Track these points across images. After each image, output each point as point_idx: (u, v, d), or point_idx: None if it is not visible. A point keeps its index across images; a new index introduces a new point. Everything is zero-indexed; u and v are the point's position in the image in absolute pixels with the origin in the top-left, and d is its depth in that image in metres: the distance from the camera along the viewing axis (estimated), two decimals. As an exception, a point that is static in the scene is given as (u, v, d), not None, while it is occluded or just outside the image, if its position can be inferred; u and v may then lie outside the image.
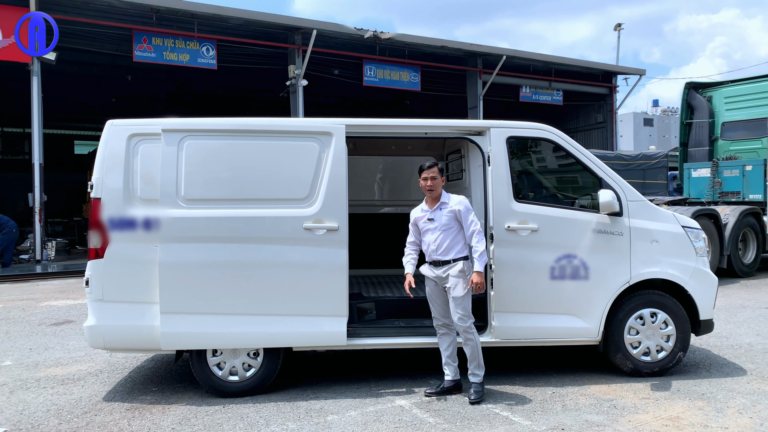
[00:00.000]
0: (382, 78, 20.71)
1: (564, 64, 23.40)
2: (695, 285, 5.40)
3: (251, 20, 17.83)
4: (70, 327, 8.04)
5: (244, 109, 25.88)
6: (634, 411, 4.56)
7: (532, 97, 23.52)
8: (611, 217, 5.29)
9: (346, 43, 19.73)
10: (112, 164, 5.06)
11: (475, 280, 4.73)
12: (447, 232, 4.85)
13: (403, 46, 20.38)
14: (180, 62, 17.70)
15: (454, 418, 4.48)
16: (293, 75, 18.96)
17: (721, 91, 14.95)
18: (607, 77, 25.13)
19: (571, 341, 5.36)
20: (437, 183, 4.89)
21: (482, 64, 21.97)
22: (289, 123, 5.25)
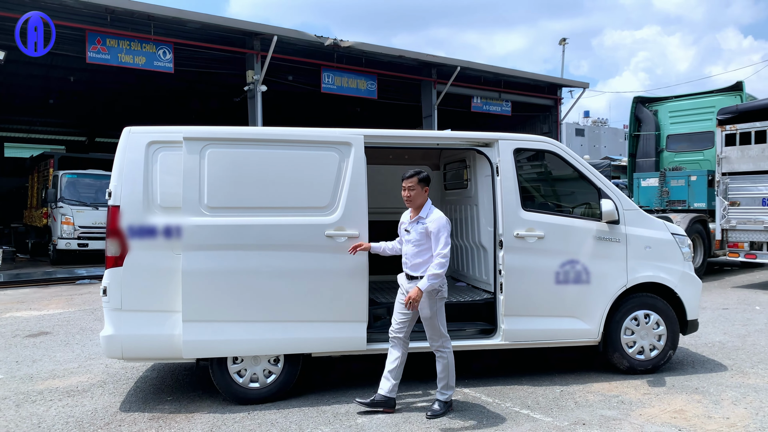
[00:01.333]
0: (340, 86, 20.79)
1: (513, 76, 24.17)
2: (683, 288, 5.85)
3: (210, 24, 17.55)
4: (50, 339, 7.78)
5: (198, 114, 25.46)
6: (641, 405, 4.91)
7: (483, 107, 24.17)
8: (609, 225, 5.66)
9: (304, 49, 19.70)
10: (131, 172, 5.01)
11: (411, 294, 4.59)
12: (418, 248, 4.74)
13: (360, 54, 20.56)
14: (136, 65, 17.21)
15: (479, 418, 4.70)
16: (252, 80, 18.80)
17: (666, 106, 15.94)
18: (552, 89, 26.14)
19: (573, 342, 5.69)
20: (416, 194, 4.77)
21: (437, 74, 22.43)
22: (310, 133, 5.35)
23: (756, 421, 4.55)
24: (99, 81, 22.36)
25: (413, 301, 4.59)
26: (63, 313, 9.63)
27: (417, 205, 4.81)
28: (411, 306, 4.61)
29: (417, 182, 4.78)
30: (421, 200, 4.80)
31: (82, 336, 7.89)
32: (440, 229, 4.66)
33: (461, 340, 5.53)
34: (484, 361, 6.30)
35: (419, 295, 4.59)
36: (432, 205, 4.85)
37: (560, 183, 6.11)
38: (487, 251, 6.04)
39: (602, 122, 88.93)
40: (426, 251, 4.72)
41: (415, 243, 4.75)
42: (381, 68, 21.33)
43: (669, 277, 5.80)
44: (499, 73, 23.65)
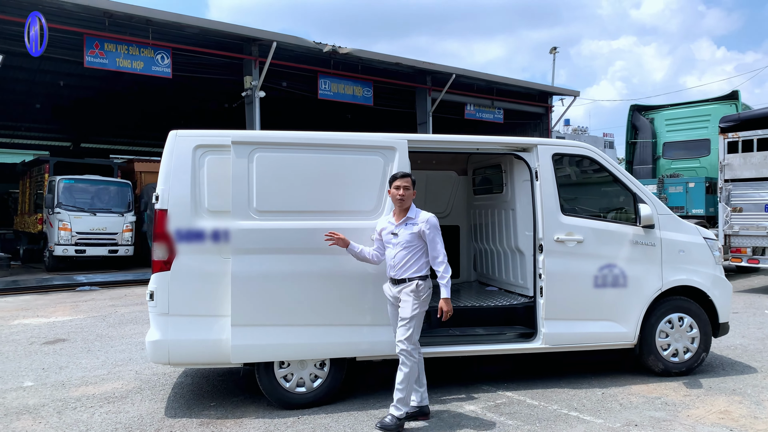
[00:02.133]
0: (336, 92, 20.84)
1: (505, 84, 24.41)
2: (715, 291, 5.96)
3: (208, 29, 17.49)
4: (69, 346, 7.66)
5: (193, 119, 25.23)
6: (686, 407, 5.00)
7: (476, 114, 24.38)
8: (645, 229, 5.76)
9: (301, 56, 19.71)
10: (179, 175, 4.98)
11: (444, 308, 4.56)
12: (408, 250, 4.64)
13: (357, 61, 20.63)
14: (134, 69, 17.06)
15: (531, 420, 4.74)
16: (250, 86, 18.74)
17: (662, 114, 16.25)
18: (543, 97, 26.47)
19: (611, 345, 5.76)
20: (409, 194, 4.70)
21: (431, 81, 22.58)
22: (355, 137, 5.37)
23: (801, 420, 4.67)
24: (88, 86, 22.16)
25: (448, 311, 4.57)
26: (73, 320, 9.49)
27: (407, 206, 4.72)
28: (446, 317, 4.59)
29: (411, 182, 4.74)
30: (411, 202, 4.76)
31: (101, 343, 7.78)
32: (435, 229, 4.65)
33: (501, 344, 5.57)
34: (515, 364, 6.34)
35: (449, 305, 4.58)
36: (416, 207, 4.79)
37: (596, 187, 6.20)
38: (525, 255, 6.10)
39: (582, 130, 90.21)
40: (417, 252, 4.64)
41: (405, 245, 4.63)
42: (377, 75, 21.41)
43: (701, 280, 5.91)
44: (491, 81, 23.89)
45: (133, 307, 10.81)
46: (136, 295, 12.29)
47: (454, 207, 7.47)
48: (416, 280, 4.60)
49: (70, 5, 15.52)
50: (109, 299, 11.90)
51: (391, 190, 4.77)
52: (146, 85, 20.93)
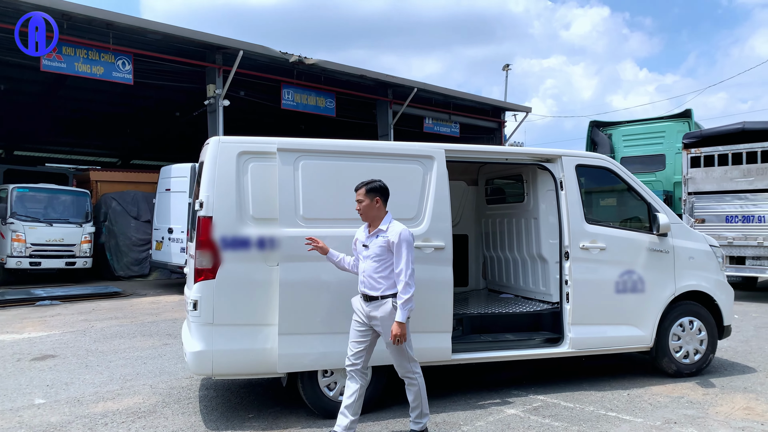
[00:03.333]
0: (300, 102, 20.74)
1: (461, 99, 24.98)
2: (721, 295, 6.34)
3: (172, 35, 17.06)
4: (63, 362, 7.28)
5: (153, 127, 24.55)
6: (711, 405, 5.29)
7: (434, 128, 24.79)
8: (660, 237, 6.07)
9: (264, 65, 19.54)
10: (223, 182, 4.90)
11: (395, 331, 4.26)
12: (379, 263, 4.43)
13: (321, 72, 20.64)
14: (93, 75, 16.44)
15: (576, 421, 4.90)
16: (213, 94, 18.40)
17: (619, 130, 17.05)
18: (496, 112, 27.22)
19: (630, 348, 6.03)
20: (367, 206, 4.49)
21: (393, 95, 22.83)
22: (395, 146, 5.44)
23: (817, 413, 5.03)
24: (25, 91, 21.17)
25: (400, 336, 4.28)
26: (50, 336, 9.01)
27: (372, 217, 4.52)
28: (398, 342, 4.30)
29: (365, 193, 4.50)
30: (376, 213, 4.51)
31: (96, 358, 7.44)
32: (402, 243, 4.35)
33: (530, 349, 5.73)
34: (526, 369, 6.50)
35: (403, 329, 4.29)
36: (393, 219, 4.57)
37: (614, 197, 6.48)
38: (548, 262, 6.30)
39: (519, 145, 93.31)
40: (387, 267, 4.42)
41: (375, 258, 4.43)
42: (339, 86, 21.47)
43: (709, 285, 6.28)
44: (448, 95, 24.39)
45: (108, 321, 10.37)
46: (105, 309, 11.79)
47: (464, 216, 7.62)
48: (389, 300, 4.38)
49: (27, 6, 14.86)
50: (78, 314, 11.35)
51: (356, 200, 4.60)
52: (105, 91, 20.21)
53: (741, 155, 11.80)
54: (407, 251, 4.36)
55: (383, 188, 4.56)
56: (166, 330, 9.31)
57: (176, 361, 7.21)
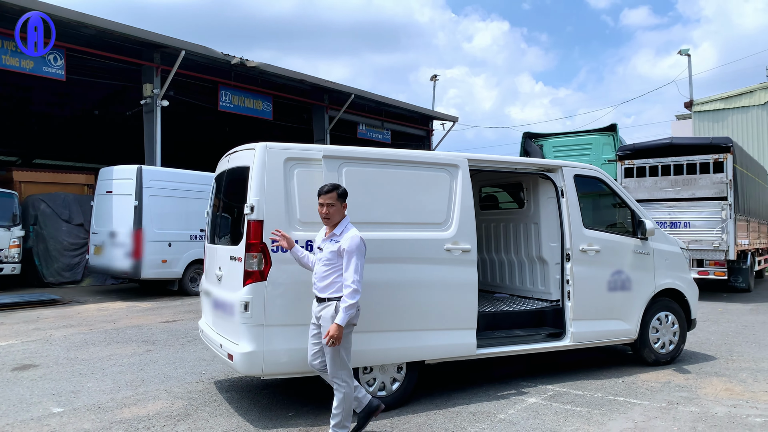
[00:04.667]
0: (237, 104, 20.49)
1: (392, 106, 25.59)
2: (690, 292, 7.17)
3: (108, 30, 16.39)
4: (50, 371, 7.00)
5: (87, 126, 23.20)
6: (697, 388, 6.02)
7: (367, 134, 25.24)
8: (642, 240, 6.79)
9: (203, 66, 19.17)
10: (273, 187, 5.03)
11: (331, 332, 4.30)
12: (329, 266, 4.53)
13: (258, 74, 20.50)
14: (22, 69, 15.49)
15: (593, 405, 5.45)
16: (150, 94, 17.84)
17: (550, 141, 18.22)
18: (425, 121, 28.08)
19: (619, 341, 6.69)
20: (335, 210, 4.56)
21: (329, 100, 23.04)
22: (426, 155, 5.77)
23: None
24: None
25: (335, 339, 4.31)
26: (13, 346, 8.54)
27: (334, 222, 4.58)
28: (332, 344, 4.34)
29: (336, 197, 4.57)
30: (340, 217, 4.60)
31: (85, 366, 7.20)
32: (353, 250, 4.41)
33: (537, 344, 6.24)
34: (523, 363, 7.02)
35: (339, 332, 4.33)
36: (350, 224, 4.63)
37: (604, 204, 7.13)
38: (548, 264, 6.85)
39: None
40: (336, 272, 4.49)
41: (326, 262, 4.53)
42: (276, 90, 21.43)
43: (681, 283, 7.08)
44: (381, 102, 24.91)
45: (65, 330, 9.91)
46: (52, 318, 11.20)
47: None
48: (335, 302, 4.47)
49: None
50: (24, 323, 10.72)
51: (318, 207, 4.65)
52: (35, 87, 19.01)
53: (669, 167, 13.09)
54: (357, 258, 4.42)
55: (346, 193, 4.70)
56: (136, 337, 9.07)
57: (174, 366, 7.12)
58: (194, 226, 14.76)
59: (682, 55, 22.47)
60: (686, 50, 22.40)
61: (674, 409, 5.33)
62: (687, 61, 22.43)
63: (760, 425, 4.90)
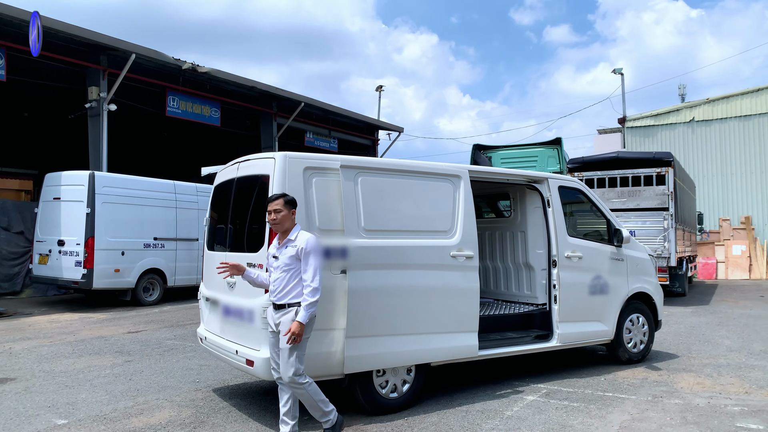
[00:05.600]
0: (185, 110, 20.10)
1: (340, 115, 25.77)
2: (657, 295, 7.75)
3: (54, 30, 15.80)
4: (31, 384, 6.75)
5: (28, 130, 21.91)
6: (672, 383, 6.54)
7: (314, 142, 25.27)
8: (617, 248, 7.30)
9: (151, 70, 18.72)
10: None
11: (293, 329, 4.40)
12: (288, 272, 4.58)
13: (207, 80, 20.21)
14: (-40, 68, 14.71)
15: (587, 401, 5.84)
16: (96, 97, 17.23)
17: (498, 153, 18.91)
18: (371, 130, 28.43)
19: (598, 341, 7.16)
20: (283, 216, 4.63)
21: (278, 107, 22.95)
22: (432, 166, 6.02)
23: (746, 381, 6.49)
24: None
25: (296, 335, 4.41)
26: (-23, 358, 8.13)
27: (285, 228, 4.67)
28: (294, 341, 4.43)
29: (283, 204, 4.66)
30: (290, 224, 4.68)
31: (68, 378, 6.98)
32: (311, 250, 4.55)
33: (527, 345, 6.60)
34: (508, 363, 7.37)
35: (301, 329, 4.43)
36: (302, 230, 4.76)
37: (583, 214, 7.61)
38: (534, 270, 7.24)
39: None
40: (295, 276, 4.58)
41: (285, 268, 4.59)
42: (225, 96, 21.18)
43: (649, 287, 7.66)
44: (329, 110, 25.05)
45: (24, 342, 9.49)
46: (3, 330, 10.67)
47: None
48: (295, 308, 4.54)
49: None
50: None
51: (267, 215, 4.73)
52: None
53: (616, 179, 13.96)
54: (314, 258, 4.54)
55: (295, 200, 4.79)
56: (107, 348, 8.82)
57: (164, 376, 7.02)
58: (148, 234, 14.44)
59: (616, 74, 23.98)
60: (620, 69, 23.89)
61: (660, 402, 5.80)
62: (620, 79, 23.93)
63: (739, 413, 5.43)
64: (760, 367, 7.25)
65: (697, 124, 22.06)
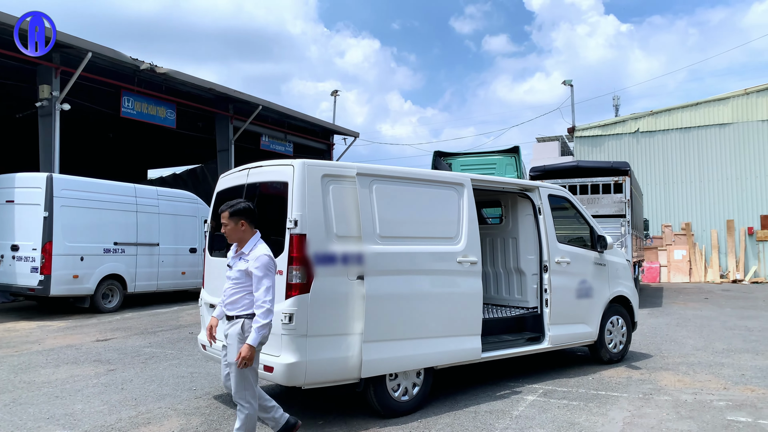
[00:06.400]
0: (140, 111, 19.53)
1: (295, 118, 25.63)
2: (633, 298, 8.18)
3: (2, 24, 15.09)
4: (18, 395, 6.48)
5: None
6: (657, 380, 6.93)
7: (270, 146, 25.02)
8: (599, 253, 7.68)
9: (106, 69, 18.14)
10: (313, 202, 5.19)
11: (243, 353, 4.13)
12: (236, 285, 4.42)
13: (162, 81, 19.75)
14: None
15: (584, 399, 6.13)
16: (48, 96, 16.54)
17: (458, 160, 19.28)
18: (326, 135, 28.37)
19: (584, 342, 7.49)
20: (230, 230, 4.45)
21: (234, 110, 22.62)
22: (437, 174, 6.20)
23: (721, 377, 6.95)
24: None
25: (247, 360, 4.16)
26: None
27: (237, 239, 4.49)
28: (244, 365, 4.18)
29: (228, 217, 4.45)
30: (241, 235, 4.47)
31: (56, 388, 6.73)
32: (261, 271, 4.27)
33: (522, 347, 6.85)
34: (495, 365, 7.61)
35: (251, 353, 4.18)
36: (260, 240, 4.50)
37: (569, 221, 7.93)
38: (525, 275, 7.51)
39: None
40: (243, 290, 4.39)
41: (234, 280, 4.41)
42: (180, 97, 20.75)
43: (627, 290, 8.07)
44: (285, 114, 24.87)
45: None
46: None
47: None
48: (243, 320, 4.35)
49: None
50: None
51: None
52: None
53: (576, 187, 14.54)
54: (267, 278, 4.28)
55: (247, 210, 4.47)
56: (81, 357, 8.54)
57: (157, 384, 6.88)
58: (108, 238, 14.00)
59: (566, 85, 24.95)
60: (569, 81, 24.86)
61: (652, 399, 6.15)
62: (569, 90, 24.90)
63: (725, 408, 5.83)
64: (729, 365, 7.77)
65: (642, 134, 23.20)
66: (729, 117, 21.84)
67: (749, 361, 8.01)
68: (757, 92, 21.54)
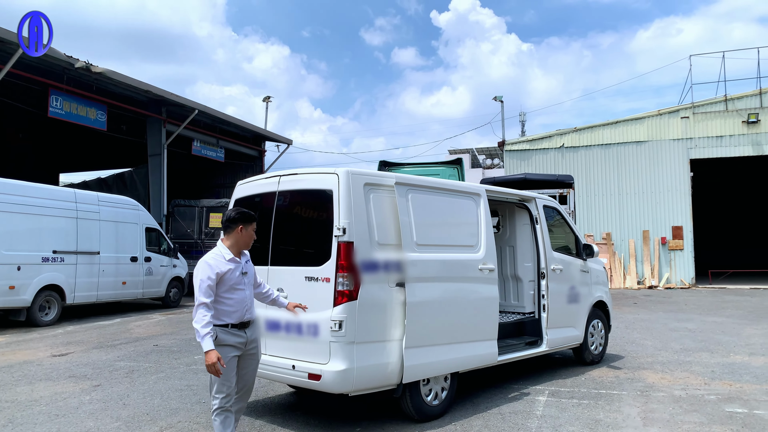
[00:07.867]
0: (69, 112, 18.37)
1: (228, 123, 25.00)
2: (609, 302, 8.74)
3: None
4: (14, 413, 6.00)
5: None
6: (644, 379, 7.44)
7: (201, 151, 24.22)
8: (584, 261, 8.17)
9: (34, 66, 16.99)
10: (358, 211, 5.23)
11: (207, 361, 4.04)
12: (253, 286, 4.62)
13: (93, 81, 18.74)
14: None
15: (592, 398, 6.50)
16: (-29, 92, 15.27)
17: (402, 170, 19.60)
18: (258, 141, 27.85)
19: (573, 345, 7.92)
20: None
21: (167, 113, 21.78)
22: (459, 185, 6.41)
23: (697, 374, 7.59)
24: None
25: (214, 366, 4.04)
26: None
27: None
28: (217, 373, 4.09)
29: None
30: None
31: (51, 406, 6.28)
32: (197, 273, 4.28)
33: (524, 351, 7.16)
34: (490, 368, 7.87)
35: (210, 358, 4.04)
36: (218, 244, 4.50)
37: (557, 230, 8.35)
38: (523, 281, 7.84)
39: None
40: None
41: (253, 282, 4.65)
42: (112, 98, 19.77)
43: (604, 295, 8.62)
44: (217, 118, 24.25)
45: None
46: None
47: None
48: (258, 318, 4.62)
49: None
50: None
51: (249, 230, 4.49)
52: None
53: (524, 198, 15.22)
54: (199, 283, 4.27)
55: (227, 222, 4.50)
56: (53, 374, 8.01)
57: (160, 398, 6.60)
58: (47, 246, 13.12)
59: (497, 101, 26.03)
60: (500, 97, 25.97)
61: (650, 395, 6.63)
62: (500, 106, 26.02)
63: (717, 401, 6.40)
64: (695, 363, 8.48)
65: (566, 149, 24.61)
66: (645, 135, 23.65)
67: (709, 359, 8.77)
68: (669, 113, 23.47)
